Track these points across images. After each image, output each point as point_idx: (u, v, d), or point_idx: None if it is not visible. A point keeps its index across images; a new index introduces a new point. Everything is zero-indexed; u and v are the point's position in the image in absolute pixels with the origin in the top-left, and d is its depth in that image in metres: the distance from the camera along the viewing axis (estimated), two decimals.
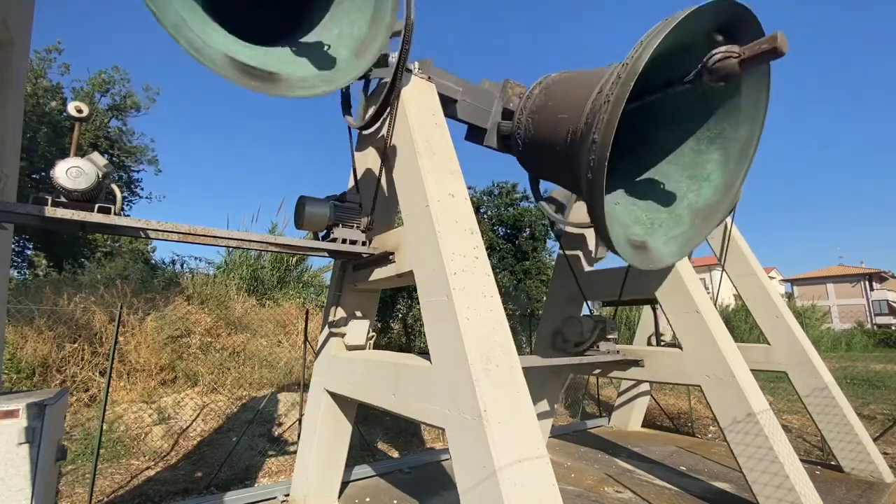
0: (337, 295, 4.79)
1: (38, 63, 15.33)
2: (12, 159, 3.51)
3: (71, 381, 6.88)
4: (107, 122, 17.61)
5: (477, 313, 3.11)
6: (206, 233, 3.44)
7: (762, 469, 4.46)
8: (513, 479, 2.57)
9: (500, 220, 15.38)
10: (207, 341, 8.72)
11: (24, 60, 3.69)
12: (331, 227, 4.08)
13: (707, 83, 3.54)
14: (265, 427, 7.26)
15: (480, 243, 3.55)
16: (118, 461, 5.92)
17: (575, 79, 4.50)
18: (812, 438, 7.89)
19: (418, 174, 3.63)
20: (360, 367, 4.23)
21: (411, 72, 4.12)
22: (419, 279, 3.53)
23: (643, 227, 4.58)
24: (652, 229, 4.58)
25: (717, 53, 3.30)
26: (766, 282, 7.27)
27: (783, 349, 6.79)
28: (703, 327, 5.09)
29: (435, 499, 5.36)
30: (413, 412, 3.39)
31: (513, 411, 2.83)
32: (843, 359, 19.81)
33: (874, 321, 47.59)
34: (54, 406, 2.73)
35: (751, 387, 4.80)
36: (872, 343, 30.31)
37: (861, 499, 5.40)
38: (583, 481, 6.02)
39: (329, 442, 4.90)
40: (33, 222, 2.96)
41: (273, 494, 5.18)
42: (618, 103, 3.39)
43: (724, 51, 3.26)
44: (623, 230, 4.35)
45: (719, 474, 6.27)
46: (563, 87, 4.50)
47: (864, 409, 9.93)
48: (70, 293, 8.00)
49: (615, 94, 3.43)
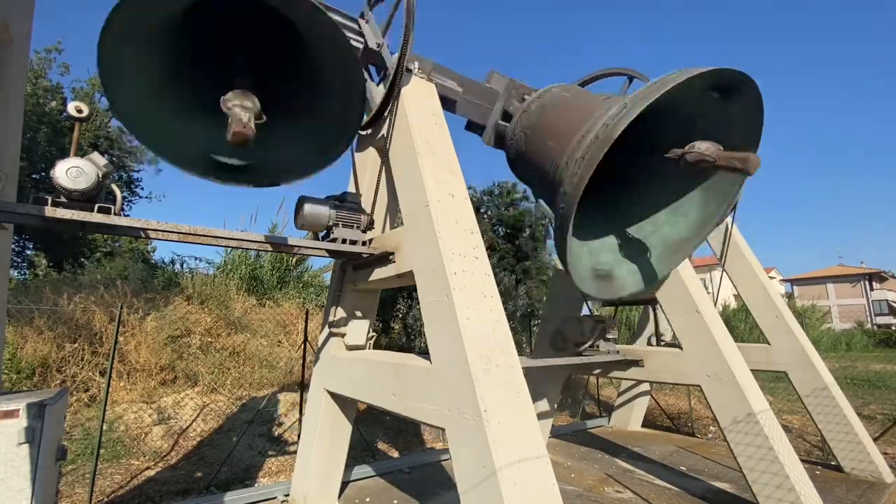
0: (337, 295, 4.78)
1: (38, 63, 15.30)
2: (12, 159, 3.51)
3: (71, 381, 6.88)
4: (107, 122, 17.59)
5: (477, 313, 3.11)
6: (206, 233, 3.44)
7: (762, 469, 4.46)
8: (513, 479, 2.56)
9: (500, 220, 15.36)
10: (207, 341, 8.72)
11: (24, 60, 3.69)
12: (331, 227, 4.07)
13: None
14: (265, 427, 7.26)
15: (480, 243, 3.55)
16: (118, 461, 5.92)
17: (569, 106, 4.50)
18: (812, 438, 7.88)
19: (418, 174, 3.63)
20: (360, 367, 4.23)
21: (411, 72, 4.11)
22: (419, 279, 3.52)
23: (613, 255, 4.72)
24: (620, 258, 4.71)
25: (694, 153, 3.45)
26: (766, 282, 7.27)
27: (783, 349, 6.79)
28: (703, 327, 5.09)
29: (435, 499, 5.36)
30: (413, 412, 3.38)
31: (513, 411, 2.83)
32: (843, 359, 19.82)
33: (874, 321, 47.57)
34: (54, 406, 2.73)
35: (751, 387, 4.80)
36: (872, 343, 30.32)
37: (861, 499, 5.40)
38: (583, 481, 6.02)
39: (329, 442, 4.90)
40: (33, 222, 2.95)
41: (273, 494, 5.18)
42: (590, 164, 3.51)
43: (700, 153, 3.41)
44: (591, 259, 4.53)
45: (719, 474, 6.27)
46: (557, 113, 4.50)
47: (864, 409, 9.93)
48: (70, 293, 7.99)
49: (589, 155, 3.54)
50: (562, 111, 4.41)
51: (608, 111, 3.67)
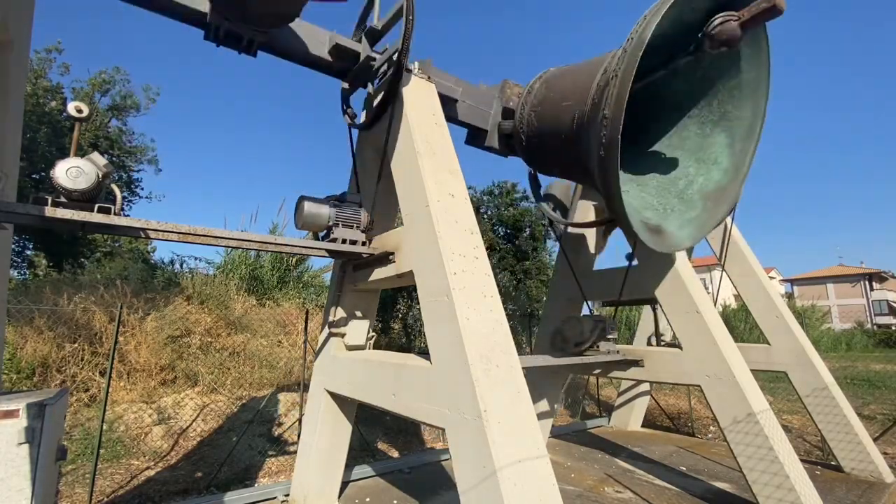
0: (337, 295, 4.78)
1: (38, 63, 15.30)
2: (12, 159, 3.51)
3: (71, 381, 6.88)
4: (107, 122, 17.59)
5: (477, 313, 3.11)
6: (206, 233, 3.44)
7: (762, 469, 4.46)
8: (513, 479, 2.57)
9: (500, 220, 15.36)
10: (207, 341, 8.72)
11: (24, 61, 3.69)
12: (331, 227, 4.08)
13: (709, 51, 3.52)
14: (265, 427, 7.26)
15: (480, 243, 3.55)
16: (118, 461, 5.92)
17: (575, 69, 4.47)
18: (812, 438, 7.89)
19: (418, 174, 3.63)
20: (360, 367, 4.23)
21: (411, 72, 4.12)
22: (419, 279, 3.53)
23: (655, 213, 4.50)
24: (665, 214, 4.51)
25: (718, 18, 3.36)
26: (766, 282, 7.27)
27: (783, 349, 6.79)
28: (703, 327, 5.09)
29: (435, 499, 5.36)
30: (413, 412, 3.39)
31: (513, 411, 2.83)
32: (843, 359, 19.80)
33: (874, 321, 47.58)
34: (54, 406, 2.73)
35: (751, 387, 4.80)
36: (872, 343, 30.31)
37: (861, 499, 5.40)
38: (583, 481, 6.02)
39: (329, 442, 4.90)
40: (33, 222, 2.96)
41: (273, 494, 5.19)
42: (627, 75, 3.33)
43: (724, 15, 3.32)
44: (637, 214, 4.25)
45: (719, 474, 6.27)
46: (565, 77, 4.46)
47: (864, 409, 9.93)
48: (70, 293, 7.99)
49: (623, 68, 3.38)
50: (570, 74, 4.35)
51: (618, 51, 3.55)
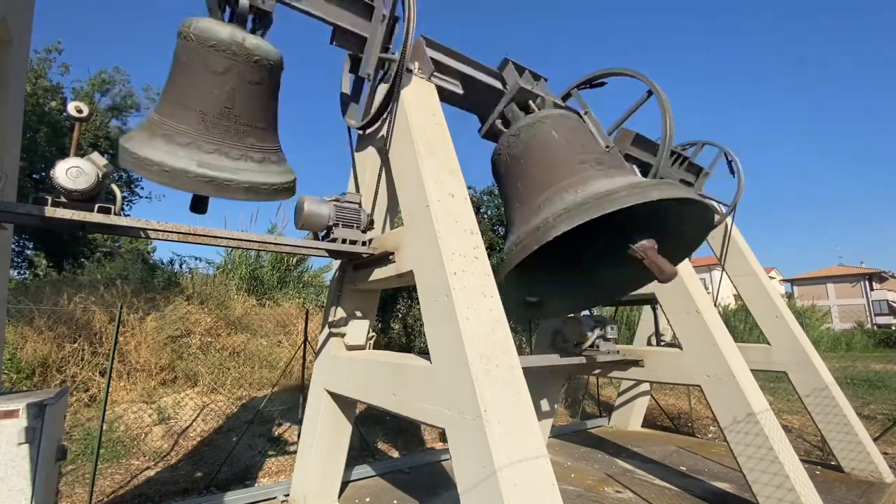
0: (337, 295, 4.78)
1: (38, 63, 15.32)
2: (12, 159, 3.50)
3: (71, 381, 6.88)
4: (107, 122, 17.60)
5: (477, 313, 3.11)
6: (206, 233, 3.44)
7: (762, 469, 4.46)
8: (513, 479, 2.56)
9: (501, 220, 15.36)
10: (207, 341, 8.72)
11: (24, 60, 3.69)
12: (331, 227, 4.07)
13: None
14: (265, 427, 7.26)
15: (480, 243, 3.55)
16: (118, 461, 5.92)
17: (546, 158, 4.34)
18: (812, 438, 7.89)
19: (418, 174, 3.63)
20: (360, 367, 4.23)
21: (411, 72, 4.11)
22: (419, 279, 3.52)
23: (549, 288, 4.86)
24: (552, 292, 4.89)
25: (633, 248, 3.96)
26: (766, 282, 7.27)
27: (783, 349, 6.79)
28: (703, 327, 5.09)
29: (435, 499, 5.36)
30: (413, 412, 3.38)
31: (513, 411, 2.83)
32: (843, 359, 19.83)
33: (874, 321, 47.63)
34: (54, 406, 2.73)
35: (751, 387, 4.80)
36: (872, 343, 30.36)
37: (861, 499, 5.40)
38: (583, 481, 6.02)
39: (329, 442, 4.90)
40: (33, 222, 2.95)
41: (273, 494, 5.19)
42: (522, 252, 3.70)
43: (635, 249, 3.93)
44: (527, 290, 4.71)
45: (719, 474, 6.27)
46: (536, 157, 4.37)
47: (864, 409, 9.94)
48: (70, 293, 7.99)
49: (522, 245, 3.77)
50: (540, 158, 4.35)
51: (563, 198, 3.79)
